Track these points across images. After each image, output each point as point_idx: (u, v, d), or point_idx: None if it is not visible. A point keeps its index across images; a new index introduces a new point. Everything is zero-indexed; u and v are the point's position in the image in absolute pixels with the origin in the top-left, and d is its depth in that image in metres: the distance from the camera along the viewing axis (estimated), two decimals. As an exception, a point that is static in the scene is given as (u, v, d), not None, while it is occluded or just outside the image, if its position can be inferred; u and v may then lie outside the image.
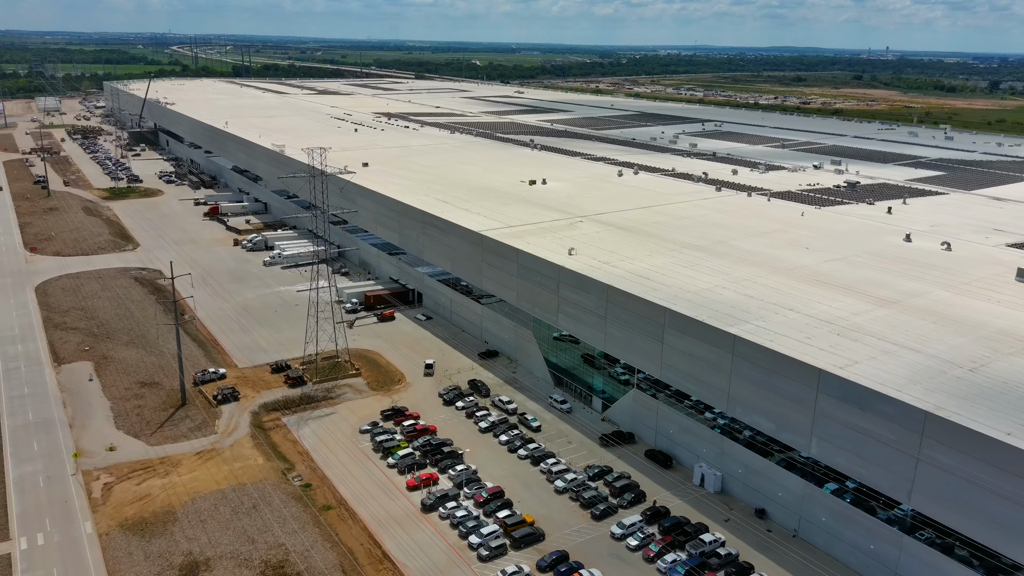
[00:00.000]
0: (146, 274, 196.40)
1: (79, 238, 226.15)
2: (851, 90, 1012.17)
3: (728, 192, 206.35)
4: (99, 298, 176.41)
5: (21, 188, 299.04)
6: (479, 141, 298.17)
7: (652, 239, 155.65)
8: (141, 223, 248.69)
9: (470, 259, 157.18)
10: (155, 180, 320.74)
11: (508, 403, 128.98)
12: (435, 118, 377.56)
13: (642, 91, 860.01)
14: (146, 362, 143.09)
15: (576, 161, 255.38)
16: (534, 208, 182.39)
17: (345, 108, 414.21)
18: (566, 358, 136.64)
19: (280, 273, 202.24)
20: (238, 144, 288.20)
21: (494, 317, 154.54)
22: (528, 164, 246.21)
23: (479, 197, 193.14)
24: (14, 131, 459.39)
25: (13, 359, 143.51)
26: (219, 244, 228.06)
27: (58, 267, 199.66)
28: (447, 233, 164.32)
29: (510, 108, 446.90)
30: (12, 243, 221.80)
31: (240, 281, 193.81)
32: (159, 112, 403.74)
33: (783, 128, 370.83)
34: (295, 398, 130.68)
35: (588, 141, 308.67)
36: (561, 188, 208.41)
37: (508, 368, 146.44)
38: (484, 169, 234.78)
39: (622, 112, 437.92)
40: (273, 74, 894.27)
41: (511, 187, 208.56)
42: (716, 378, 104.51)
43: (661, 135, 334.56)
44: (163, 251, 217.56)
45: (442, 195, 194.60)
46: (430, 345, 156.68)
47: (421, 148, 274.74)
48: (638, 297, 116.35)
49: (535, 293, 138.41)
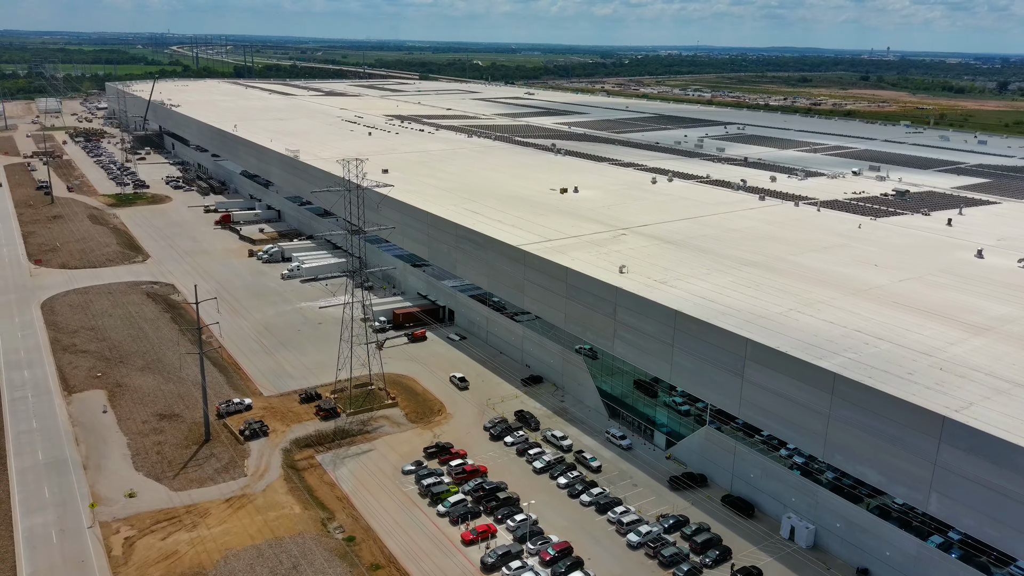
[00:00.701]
0: (158, 289, 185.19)
1: (86, 249, 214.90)
2: (859, 91, 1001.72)
3: (773, 201, 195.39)
4: (110, 316, 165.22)
5: (24, 194, 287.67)
6: (499, 145, 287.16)
7: (705, 255, 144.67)
8: (150, 232, 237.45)
9: (510, 277, 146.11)
10: (162, 185, 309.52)
11: (562, 439, 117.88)
12: (449, 121, 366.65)
13: (648, 92, 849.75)
14: (164, 391, 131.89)
15: (603, 167, 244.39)
16: (571, 219, 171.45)
17: (355, 110, 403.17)
18: (622, 387, 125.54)
19: (300, 287, 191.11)
20: (249, 149, 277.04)
21: (537, 340, 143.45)
22: (554, 170, 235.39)
23: (510, 207, 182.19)
24: (15, 133, 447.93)
25: (19, 387, 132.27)
26: (233, 255, 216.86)
27: (65, 281, 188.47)
28: (484, 248, 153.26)
29: (523, 110, 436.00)
30: (15, 254, 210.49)
31: (258, 296, 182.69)
32: (164, 114, 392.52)
33: (807, 131, 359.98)
34: (328, 432, 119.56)
35: (610, 145, 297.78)
36: (594, 197, 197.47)
37: (555, 396, 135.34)
38: (510, 176, 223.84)
39: (638, 114, 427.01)
40: (275, 75, 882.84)
41: (542, 195, 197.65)
42: (810, 420, 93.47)
43: (684, 139, 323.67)
44: (175, 263, 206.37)
45: (470, 205, 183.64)
46: (468, 370, 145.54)
47: (440, 153, 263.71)
48: (713, 326, 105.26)
49: (587, 316, 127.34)
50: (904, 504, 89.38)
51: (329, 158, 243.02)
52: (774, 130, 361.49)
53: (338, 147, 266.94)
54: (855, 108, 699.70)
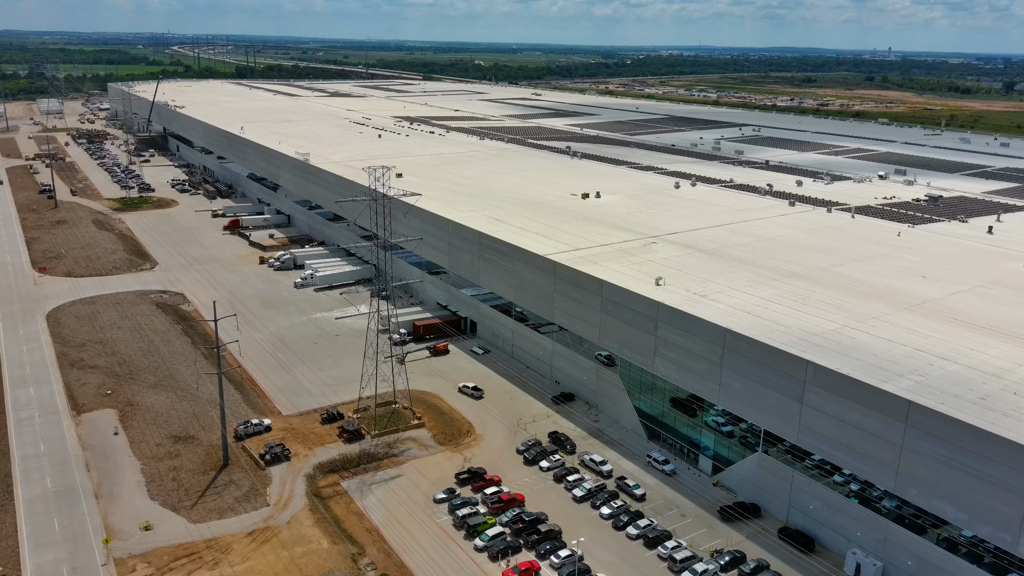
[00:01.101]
0: (168, 299, 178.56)
1: (91, 256, 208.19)
2: (864, 91, 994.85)
3: (803, 207, 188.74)
4: (118, 328, 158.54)
5: (26, 198, 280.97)
6: (513, 148, 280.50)
7: (743, 265, 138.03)
8: (157, 238, 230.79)
9: (539, 289, 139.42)
10: (168, 189, 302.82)
11: (601, 463, 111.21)
12: (458, 122, 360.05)
13: (653, 92, 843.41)
14: (178, 410, 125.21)
15: (622, 171, 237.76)
16: (596, 226, 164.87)
17: (362, 111, 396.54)
18: (662, 407, 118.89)
19: (314, 297, 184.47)
20: (258, 152, 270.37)
21: (568, 355, 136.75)
22: (573, 174, 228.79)
23: (532, 213, 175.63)
24: (16, 135, 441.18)
25: (25, 406, 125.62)
26: (243, 262, 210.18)
27: (70, 290, 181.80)
28: (511, 258, 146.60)
29: (531, 111, 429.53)
30: (19, 262, 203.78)
31: (271, 306, 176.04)
32: (169, 116, 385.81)
33: (824, 133, 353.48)
34: (353, 456, 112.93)
35: (626, 148, 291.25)
36: (617, 202, 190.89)
37: (589, 416, 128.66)
38: (528, 180, 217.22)
39: (649, 115, 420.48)
40: (278, 75, 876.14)
41: (563, 201, 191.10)
42: (880, 450, 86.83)
43: (700, 140, 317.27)
44: (184, 271, 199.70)
45: (491, 211, 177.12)
46: (494, 386, 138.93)
47: (454, 156, 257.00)
48: (770, 346, 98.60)
49: (624, 332, 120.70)
50: (974, 537, 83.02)
51: (340, 161, 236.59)
52: (790, 132, 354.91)
53: (349, 150, 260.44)
54: (863, 109, 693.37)
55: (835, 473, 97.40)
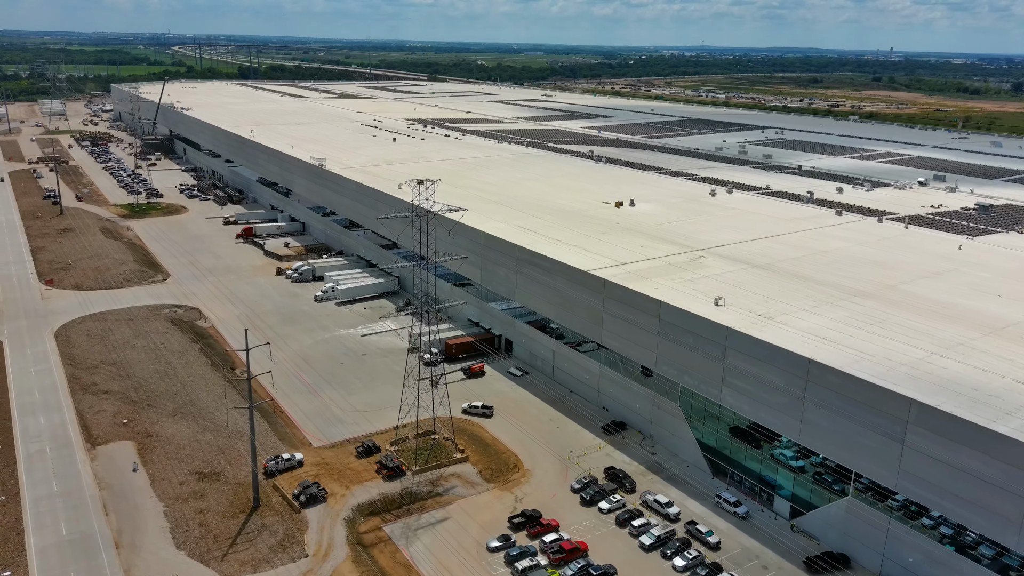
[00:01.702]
0: (183, 314, 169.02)
1: (100, 267, 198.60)
2: (873, 92, 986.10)
3: (851, 216, 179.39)
4: (132, 348, 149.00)
5: (30, 204, 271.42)
6: (533, 152, 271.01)
7: (802, 282, 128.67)
8: (168, 247, 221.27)
9: (586, 308, 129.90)
10: (176, 194, 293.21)
11: (667, 505, 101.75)
12: (473, 125, 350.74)
13: (660, 93, 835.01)
14: (201, 442, 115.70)
15: (652, 177, 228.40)
16: (637, 238, 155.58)
17: (372, 113, 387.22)
18: (729, 440, 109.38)
19: (336, 312, 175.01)
20: (271, 157, 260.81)
21: (619, 380, 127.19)
22: (601, 181, 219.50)
23: (566, 223, 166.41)
24: (18, 137, 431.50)
25: (35, 438, 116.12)
26: (259, 273, 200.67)
27: (79, 305, 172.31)
28: (552, 274, 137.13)
29: (545, 113, 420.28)
30: (25, 274, 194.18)
31: (292, 322, 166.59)
32: (175, 118, 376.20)
33: (849, 136, 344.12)
34: (395, 496, 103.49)
35: (649, 152, 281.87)
36: (654, 211, 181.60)
37: (644, 448, 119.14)
38: (555, 187, 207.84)
39: (666, 118, 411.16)
40: (281, 75, 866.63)
41: (596, 210, 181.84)
42: (999, 501, 77.47)
43: (723, 144, 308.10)
44: (197, 282, 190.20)
45: (522, 220, 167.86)
46: (537, 412, 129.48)
47: (474, 161, 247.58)
48: (863, 381, 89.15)
49: (686, 358, 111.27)
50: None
51: (358, 167, 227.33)
52: (814, 135, 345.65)
53: (365, 154, 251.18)
54: (875, 110, 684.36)
55: (924, 516, 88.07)
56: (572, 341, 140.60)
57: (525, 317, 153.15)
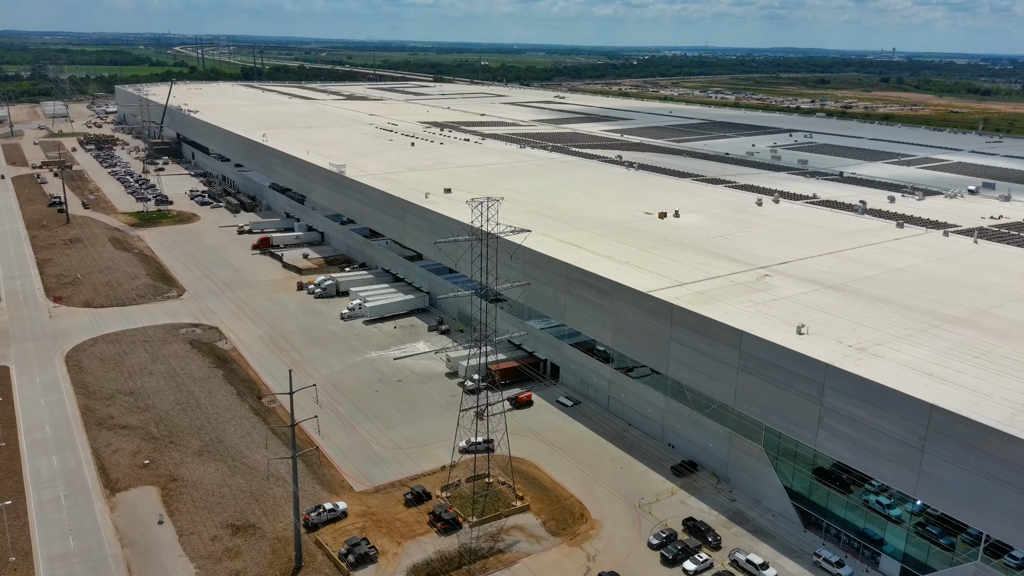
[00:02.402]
0: (201, 335, 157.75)
1: (111, 282, 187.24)
2: (882, 93, 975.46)
3: (914, 229, 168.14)
4: (150, 375, 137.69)
5: (35, 212, 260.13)
6: (559, 158, 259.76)
7: (887, 306, 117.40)
8: (181, 259, 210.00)
9: (649, 335, 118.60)
10: (186, 201, 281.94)
11: (762, 567, 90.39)
12: (490, 128, 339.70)
13: (668, 94, 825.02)
14: (231, 487, 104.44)
15: (689, 185, 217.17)
16: (690, 253, 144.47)
17: (385, 116, 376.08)
18: (822, 489, 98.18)
19: (364, 331, 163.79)
20: (286, 163, 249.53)
21: (688, 415, 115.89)
22: (636, 188, 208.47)
23: (610, 236, 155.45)
24: (21, 140, 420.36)
25: (48, 482, 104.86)
26: (279, 288, 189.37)
27: (91, 324, 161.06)
28: (609, 297, 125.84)
29: (561, 116, 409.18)
30: (31, 289, 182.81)
31: (318, 344, 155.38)
32: (183, 121, 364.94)
33: (880, 140, 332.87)
34: (452, 554, 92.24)
35: (679, 157, 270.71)
36: (700, 223, 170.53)
37: (721, 493, 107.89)
38: (590, 196, 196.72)
39: (686, 120, 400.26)
40: (284, 76, 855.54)
41: (639, 221, 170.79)
42: None
43: (753, 148, 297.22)
44: (215, 298, 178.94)
45: (562, 234, 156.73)
46: (597, 450, 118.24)
47: (499, 168, 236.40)
48: (1002, 433, 77.90)
49: (773, 396, 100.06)
50: None
51: (379, 174, 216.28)
52: (844, 138, 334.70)
53: (385, 160, 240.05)
54: (889, 112, 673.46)
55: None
56: (624, 366, 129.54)
57: (570, 338, 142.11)
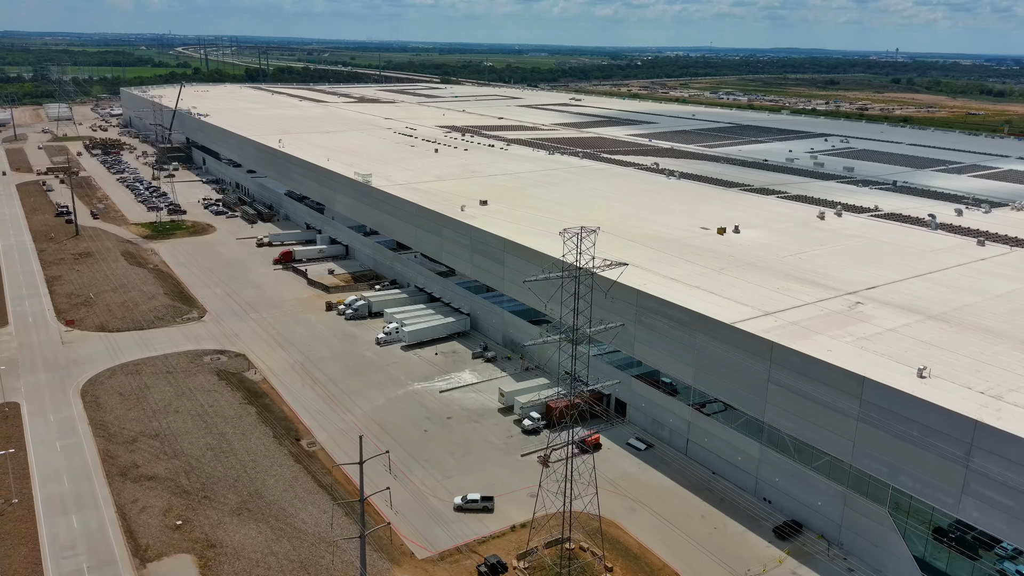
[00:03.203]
0: (228, 363, 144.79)
1: (127, 302, 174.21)
2: (895, 95, 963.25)
3: (997, 248, 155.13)
4: (176, 412, 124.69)
5: (42, 223, 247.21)
6: (592, 165, 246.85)
7: (1002, 339, 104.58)
8: (199, 275, 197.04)
9: (741, 375, 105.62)
10: (200, 210, 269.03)
11: (906, 658, 77.62)
12: (512, 133, 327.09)
13: (678, 95, 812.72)
14: (277, 554, 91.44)
15: (737, 195, 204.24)
16: (764, 275, 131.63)
17: (402, 120, 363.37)
18: (958, 561, 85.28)
19: (403, 358, 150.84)
20: (307, 171, 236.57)
21: (790, 468, 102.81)
22: (683, 199, 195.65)
23: (671, 255, 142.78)
24: (25, 144, 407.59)
25: (68, 550, 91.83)
26: (306, 308, 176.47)
27: (107, 351, 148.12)
28: (690, 329, 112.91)
29: (582, 119, 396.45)
30: (41, 311, 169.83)
31: (356, 373, 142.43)
32: (193, 125, 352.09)
33: (919, 145, 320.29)
34: (543, 642, 79.32)
35: (716, 164, 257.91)
36: (764, 239, 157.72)
37: (834, 562, 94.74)
38: (636, 208, 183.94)
39: (712, 124, 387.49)
40: (289, 77, 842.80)
41: (697, 237, 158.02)
42: None
43: (791, 153, 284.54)
44: (239, 320, 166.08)
45: (619, 252, 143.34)
46: (683, 505, 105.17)
47: (531, 176, 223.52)
48: None
49: (904, 454, 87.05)
50: None
51: (408, 183, 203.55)
52: (881, 143, 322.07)
53: (409, 168, 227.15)
54: (907, 114, 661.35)
55: None
56: (697, 403, 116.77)
57: (635, 368, 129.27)
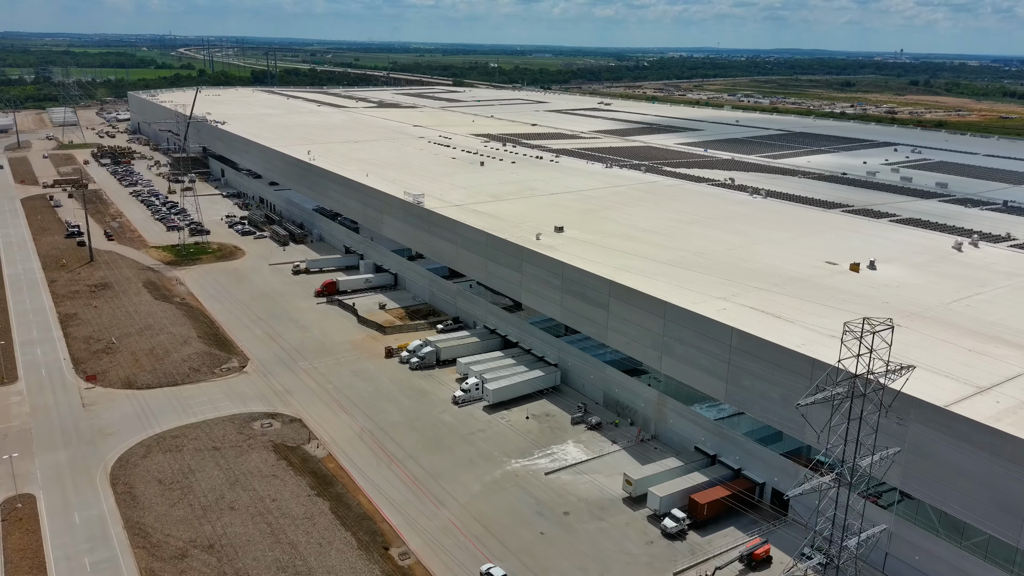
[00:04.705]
0: (282, 431, 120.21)
1: (155, 348, 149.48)
2: (917, 97, 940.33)
3: None
4: (231, 510, 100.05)
5: (51, 245, 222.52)
6: (661, 182, 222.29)
7: None
8: (234, 310, 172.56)
9: (985, 486, 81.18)
10: (224, 229, 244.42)
11: None
12: (553, 141, 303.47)
13: (697, 97, 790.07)
14: None
15: (845, 219, 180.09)
16: (944, 332, 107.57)
17: (431, 127, 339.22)
18: None
19: (490, 423, 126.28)
20: (347, 189, 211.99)
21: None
22: (788, 225, 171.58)
23: (811, 301, 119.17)
24: (29, 153, 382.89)
25: None
26: (363, 353, 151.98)
27: (137, 417, 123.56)
28: (902, 415, 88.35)
29: (620, 126, 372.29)
30: (56, 360, 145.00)
31: (438, 446, 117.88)
32: (211, 134, 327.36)
33: (997, 156, 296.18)
34: None
35: (793, 178, 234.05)
36: (910, 279, 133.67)
37: None
38: (739, 235, 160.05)
39: (762, 131, 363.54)
40: (296, 80, 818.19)
41: (828, 276, 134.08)
42: None
43: (865, 166, 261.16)
44: (286, 370, 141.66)
45: (740, 296, 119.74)
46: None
47: (598, 195, 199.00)
48: None
49: None
50: None
51: (463, 204, 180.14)
52: (953, 153, 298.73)
53: (460, 185, 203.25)
54: (937, 118, 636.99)
55: None
56: (871, 493, 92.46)
57: (781, 443, 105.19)
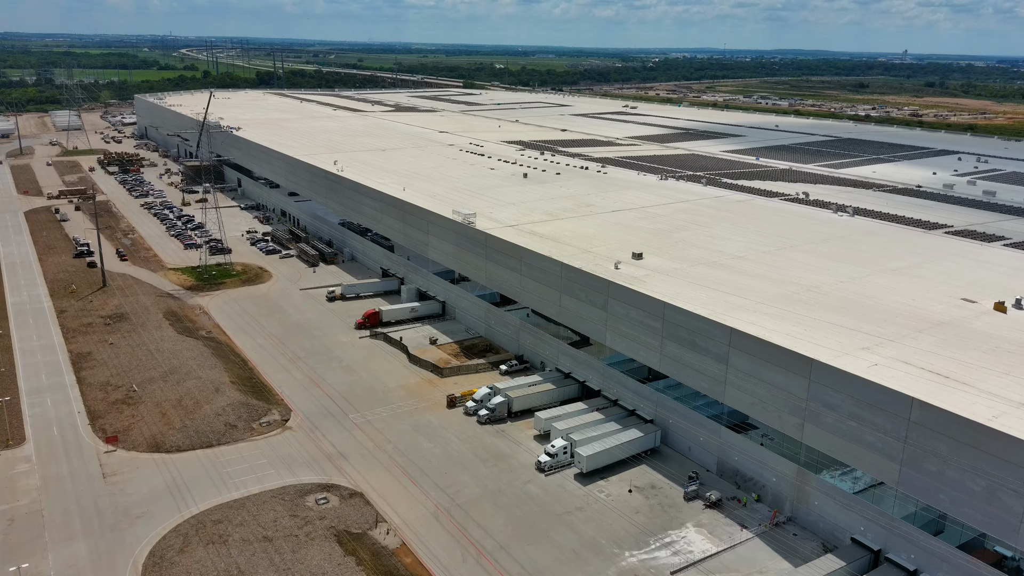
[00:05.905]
0: (341, 510, 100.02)
1: (183, 398, 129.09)
2: (936, 99, 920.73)
3: None
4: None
5: (58, 267, 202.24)
6: (729, 197, 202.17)
7: None
8: (267, 347, 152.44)
9: None
10: (246, 247, 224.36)
11: None
12: (593, 149, 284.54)
13: (711, 99, 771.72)
14: None
15: (956, 245, 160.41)
16: None
17: (458, 133, 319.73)
18: None
19: (587, 499, 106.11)
20: (387, 206, 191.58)
21: None
22: (900, 252, 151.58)
23: (965, 352, 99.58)
24: (32, 160, 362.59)
25: None
26: (420, 401, 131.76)
27: (168, 490, 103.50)
28: None
29: (656, 131, 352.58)
30: (70, 414, 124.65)
31: (532, 532, 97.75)
32: (226, 141, 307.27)
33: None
34: None
35: (868, 192, 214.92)
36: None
37: None
38: (847, 265, 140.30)
39: (807, 136, 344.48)
40: (302, 81, 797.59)
41: (971, 318, 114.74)
42: None
43: (933, 177, 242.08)
44: (337, 426, 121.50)
45: (891, 350, 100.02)
46: None
47: (666, 213, 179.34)
48: None
49: None
50: None
51: (517, 224, 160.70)
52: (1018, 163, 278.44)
53: (508, 201, 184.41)
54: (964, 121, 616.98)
55: None
56: None
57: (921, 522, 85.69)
